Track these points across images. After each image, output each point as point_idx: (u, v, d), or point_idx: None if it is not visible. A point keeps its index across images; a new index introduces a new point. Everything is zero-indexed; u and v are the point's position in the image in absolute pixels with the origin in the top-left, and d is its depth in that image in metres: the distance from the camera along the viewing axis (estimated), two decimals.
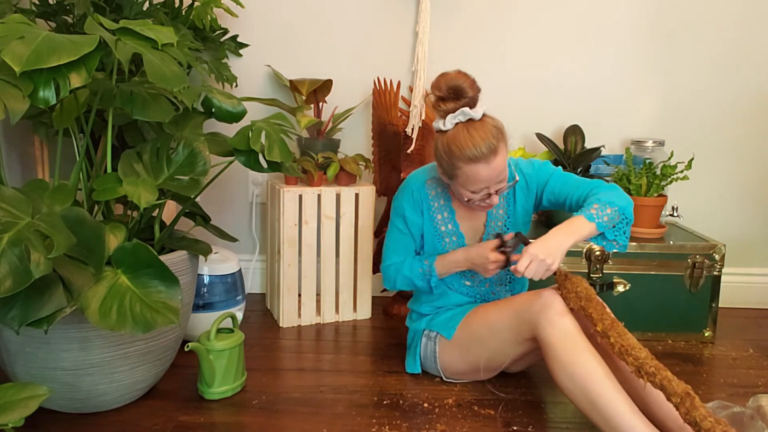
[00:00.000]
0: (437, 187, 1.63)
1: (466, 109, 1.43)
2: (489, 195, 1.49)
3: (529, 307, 1.45)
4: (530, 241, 1.50)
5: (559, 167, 1.66)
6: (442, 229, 1.63)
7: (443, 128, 1.46)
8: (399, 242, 1.68)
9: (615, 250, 1.55)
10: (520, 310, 1.48)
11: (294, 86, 2.10)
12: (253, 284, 2.41)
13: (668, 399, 1.22)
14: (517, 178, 1.59)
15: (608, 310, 1.42)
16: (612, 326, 1.34)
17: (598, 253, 1.96)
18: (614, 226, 1.50)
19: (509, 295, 1.69)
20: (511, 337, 1.51)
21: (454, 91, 1.44)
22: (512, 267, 1.46)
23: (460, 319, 1.61)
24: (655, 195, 2.02)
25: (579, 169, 2.11)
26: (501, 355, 1.58)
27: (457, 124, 1.45)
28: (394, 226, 1.69)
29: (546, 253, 1.42)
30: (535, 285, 1.74)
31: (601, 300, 1.44)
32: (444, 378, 1.68)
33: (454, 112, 1.44)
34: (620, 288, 1.98)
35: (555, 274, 1.48)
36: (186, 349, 1.48)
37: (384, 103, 2.12)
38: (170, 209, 1.94)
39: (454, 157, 1.44)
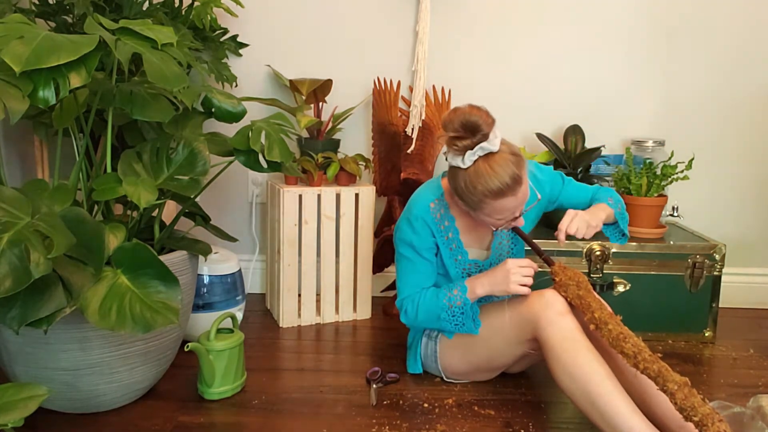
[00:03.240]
0: (440, 209, 1.59)
1: (485, 144, 1.38)
2: (515, 218, 1.50)
3: (531, 307, 1.45)
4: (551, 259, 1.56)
5: (569, 177, 1.74)
6: (450, 249, 1.61)
7: (462, 166, 1.40)
8: (412, 270, 1.61)
9: (618, 243, 1.69)
10: (521, 309, 1.48)
11: (294, 86, 2.10)
12: (253, 284, 2.40)
13: (664, 387, 1.23)
14: (539, 197, 1.55)
15: (607, 306, 1.43)
16: (611, 316, 1.36)
17: (598, 253, 1.96)
18: (623, 217, 1.66)
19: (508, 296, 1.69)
20: (512, 336, 1.51)
21: (469, 128, 1.38)
22: (557, 232, 1.53)
23: None
24: (656, 195, 2.02)
25: (579, 169, 2.11)
26: (502, 355, 1.57)
27: (476, 160, 1.39)
28: (403, 258, 1.61)
29: (585, 214, 1.53)
30: (535, 286, 1.74)
31: (600, 297, 1.45)
32: (444, 378, 1.68)
33: (471, 148, 1.38)
34: (620, 288, 1.98)
35: (552, 266, 1.49)
36: (186, 350, 1.48)
37: (384, 103, 2.12)
38: (170, 209, 1.94)
39: (479, 194, 1.40)
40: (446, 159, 1.46)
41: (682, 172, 2.01)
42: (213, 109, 1.60)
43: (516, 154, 1.42)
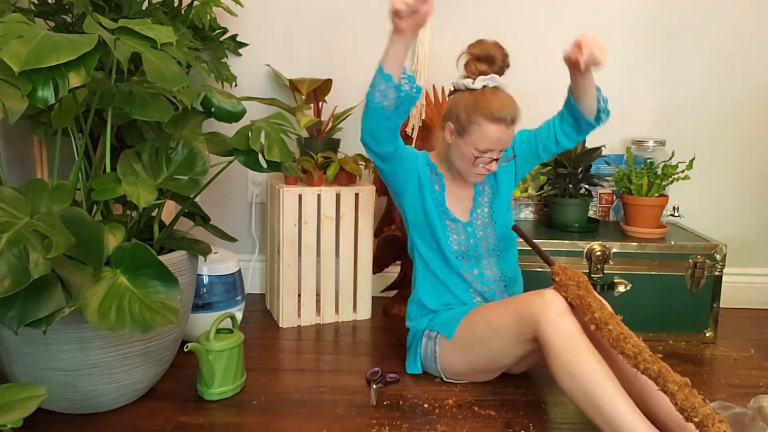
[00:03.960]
0: (430, 165, 1.71)
1: (497, 76, 1.58)
2: (491, 160, 1.59)
3: (531, 307, 1.45)
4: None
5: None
6: (434, 201, 1.68)
7: (471, 86, 1.57)
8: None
9: (598, 125, 1.72)
10: (522, 309, 1.48)
11: (294, 86, 2.09)
12: (252, 284, 2.40)
13: (664, 387, 1.22)
14: (515, 153, 1.69)
15: (607, 305, 1.43)
16: (611, 317, 1.36)
17: (598, 253, 1.96)
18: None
19: (507, 296, 1.69)
20: (512, 337, 1.51)
21: (491, 58, 1.58)
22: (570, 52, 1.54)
23: (461, 319, 1.61)
24: (656, 195, 2.02)
25: (580, 169, 2.10)
26: (502, 356, 1.57)
27: (485, 86, 1.57)
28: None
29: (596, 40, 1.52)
30: (536, 286, 1.74)
31: (600, 297, 1.45)
32: (444, 378, 1.68)
33: (485, 75, 1.57)
34: (621, 288, 1.98)
35: (552, 266, 1.49)
36: (185, 350, 1.47)
37: None
38: (169, 209, 1.94)
39: (477, 112, 1.54)
40: (453, 85, 1.63)
41: (682, 171, 2.00)
42: (212, 109, 1.60)
43: (516, 103, 1.59)
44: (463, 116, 1.57)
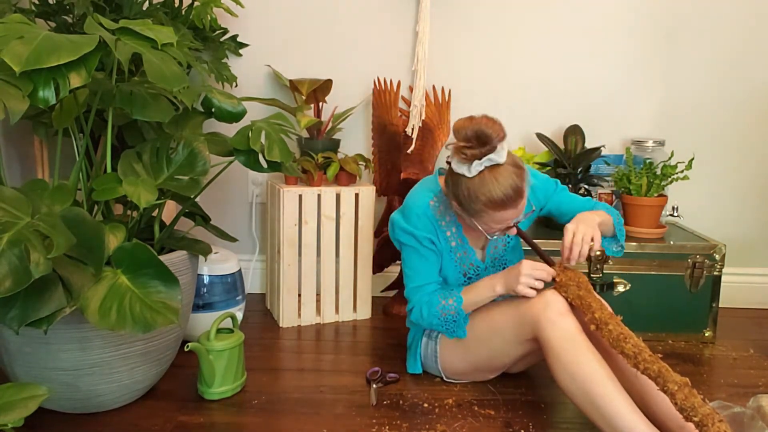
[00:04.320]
0: (439, 205, 1.60)
1: (493, 155, 1.39)
2: (509, 227, 1.50)
3: (531, 307, 1.45)
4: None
5: (564, 186, 1.72)
6: (452, 245, 1.61)
7: (468, 175, 1.41)
8: (417, 258, 1.60)
9: (614, 254, 1.65)
10: (522, 309, 1.48)
11: (294, 86, 2.10)
12: (253, 284, 2.40)
13: (664, 387, 1.23)
14: (534, 208, 1.57)
15: (607, 306, 1.43)
16: (611, 317, 1.36)
17: (598, 253, 1.96)
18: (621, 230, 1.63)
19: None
20: (512, 336, 1.51)
21: (481, 139, 1.38)
22: (561, 254, 1.50)
23: None
24: (656, 195, 2.02)
25: (579, 169, 2.11)
26: (502, 355, 1.57)
27: (481, 170, 1.40)
28: (405, 247, 1.61)
29: (584, 229, 1.48)
30: None
31: (600, 298, 1.45)
32: (444, 378, 1.68)
33: (479, 158, 1.39)
34: (620, 288, 1.98)
35: (552, 267, 1.49)
36: (186, 350, 1.48)
37: (384, 103, 2.12)
38: (170, 209, 1.94)
39: (480, 203, 1.41)
40: (448, 164, 1.47)
41: (682, 172, 2.01)
42: (213, 109, 1.60)
43: (519, 167, 1.43)
44: (467, 206, 1.45)
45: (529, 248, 1.59)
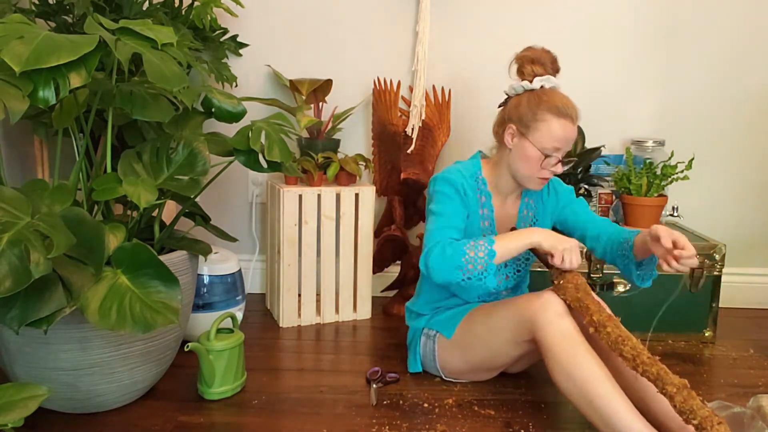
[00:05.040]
0: (478, 183, 1.62)
1: (553, 77, 1.56)
2: (557, 161, 1.53)
3: (529, 308, 1.45)
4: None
5: (581, 198, 1.72)
6: (482, 216, 1.62)
7: (530, 87, 1.54)
8: (449, 203, 1.54)
9: (639, 286, 1.56)
10: (520, 310, 1.48)
11: (294, 86, 2.10)
12: (253, 284, 2.40)
13: (663, 390, 1.22)
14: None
15: (606, 307, 1.43)
16: (609, 318, 1.35)
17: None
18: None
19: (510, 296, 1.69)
20: (510, 337, 1.51)
21: (541, 61, 1.56)
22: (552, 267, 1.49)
23: (461, 319, 1.61)
24: (656, 195, 2.02)
25: (579, 169, 2.11)
26: (501, 355, 1.57)
27: (542, 86, 1.54)
28: (441, 194, 1.56)
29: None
30: (537, 286, 1.74)
31: (599, 299, 1.45)
32: (443, 377, 1.68)
33: (541, 76, 1.54)
34: (620, 288, 1.98)
35: (552, 269, 1.49)
36: (186, 350, 1.48)
37: (384, 103, 2.12)
38: (170, 209, 1.94)
39: (542, 108, 1.50)
40: (506, 94, 1.60)
41: (682, 172, 2.01)
42: (213, 109, 1.60)
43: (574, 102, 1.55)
44: (528, 114, 1.51)
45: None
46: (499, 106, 1.63)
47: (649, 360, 1.27)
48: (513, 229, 1.64)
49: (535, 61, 1.56)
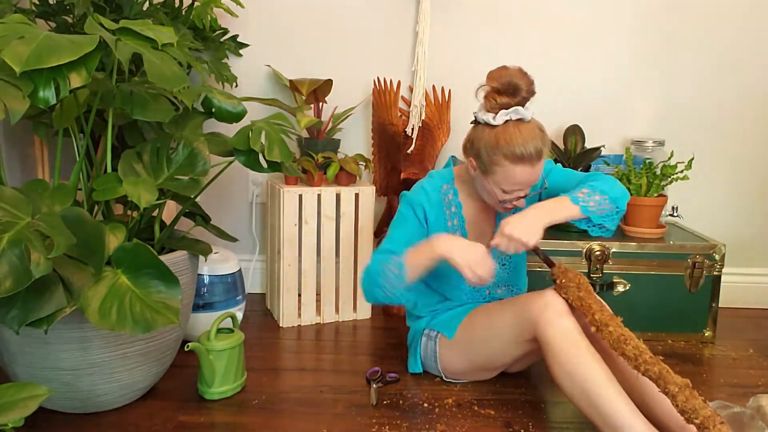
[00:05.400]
0: (449, 193, 1.63)
1: (521, 108, 1.43)
2: (518, 198, 1.50)
3: (530, 307, 1.45)
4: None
5: (558, 164, 1.67)
6: (450, 233, 1.62)
7: (492, 122, 1.44)
8: (402, 224, 1.58)
9: (599, 235, 1.53)
10: (521, 310, 1.48)
11: (294, 86, 2.10)
12: (253, 284, 2.41)
13: (665, 389, 1.22)
14: (546, 186, 1.56)
15: (607, 307, 1.43)
16: (611, 318, 1.35)
17: (598, 253, 1.96)
18: (602, 213, 1.50)
19: (510, 296, 1.69)
20: (512, 337, 1.51)
21: (513, 89, 1.43)
22: (490, 243, 1.46)
23: (462, 319, 1.61)
24: (655, 195, 2.02)
25: (579, 169, 2.11)
26: (502, 355, 1.57)
27: (507, 121, 1.44)
28: (400, 215, 1.60)
29: (521, 231, 1.42)
30: (537, 286, 1.75)
31: (600, 299, 1.45)
32: (444, 378, 1.68)
33: (507, 108, 1.43)
34: (620, 288, 1.99)
35: (553, 267, 1.48)
36: (186, 349, 1.48)
37: (384, 103, 2.12)
38: (170, 209, 1.94)
39: (499, 153, 1.43)
40: (475, 116, 1.51)
41: (681, 172, 2.01)
42: (213, 109, 1.60)
43: (543, 131, 1.46)
44: (485, 156, 1.46)
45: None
46: (471, 123, 1.55)
47: (651, 359, 1.27)
48: (488, 247, 1.59)
49: (501, 92, 1.44)
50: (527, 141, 1.41)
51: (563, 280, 1.45)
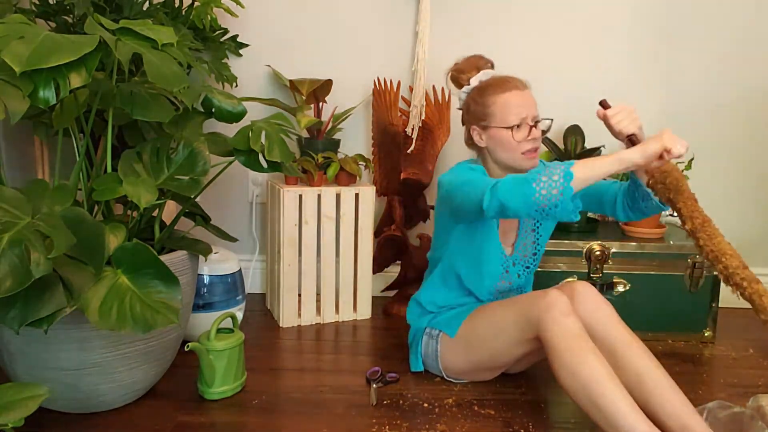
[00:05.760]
0: None
1: (489, 70, 1.59)
2: (530, 128, 1.52)
3: (534, 307, 1.45)
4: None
5: None
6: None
7: (468, 89, 1.59)
8: (478, 175, 1.50)
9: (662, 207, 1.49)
10: (525, 309, 1.48)
11: (294, 86, 2.10)
12: (253, 284, 2.41)
13: (757, 314, 1.18)
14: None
15: (699, 206, 1.34)
16: (702, 226, 1.29)
17: (598, 253, 1.96)
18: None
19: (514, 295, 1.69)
20: (514, 335, 1.51)
21: (475, 65, 1.61)
22: (602, 112, 1.49)
23: (464, 318, 1.61)
24: None
25: None
26: (504, 355, 1.57)
27: (481, 81, 1.58)
28: (463, 172, 1.52)
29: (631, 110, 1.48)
30: (539, 286, 1.75)
31: (693, 194, 1.34)
32: (445, 377, 1.68)
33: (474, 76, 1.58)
34: (620, 288, 1.99)
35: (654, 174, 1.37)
36: (186, 349, 1.48)
37: (384, 103, 2.12)
38: (170, 209, 1.94)
39: (486, 95, 1.54)
40: (459, 101, 1.64)
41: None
42: (213, 109, 1.60)
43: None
44: (479, 108, 1.56)
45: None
46: (458, 108, 1.67)
47: (744, 283, 1.19)
48: (513, 246, 1.64)
49: (465, 71, 1.61)
50: (505, 77, 1.55)
51: (652, 180, 1.34)
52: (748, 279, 1.18)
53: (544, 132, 1.56)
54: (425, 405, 1.55)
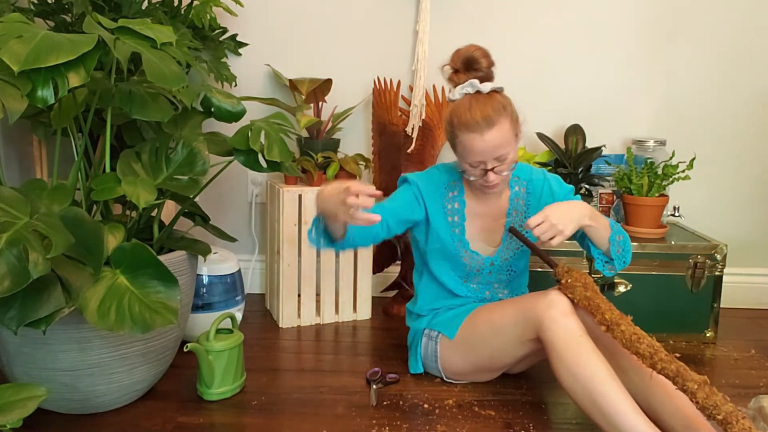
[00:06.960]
0: (455, 189, 1.63)
1: (475, 81, 1.48)
2: (485, 172, 1.49)
3: (534, 307, 1.45)
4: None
5: (557, 177, 1.69)
6: (451, 229, 1.61)
7: (452, 98, 1.51)
8: (391, 199, 1.61)
9: (601, 270, 1.56)
10: (525, 309, 1.47)
11: (294, 86, 2.09)
12: (252, 284, 2.40)
13: (683, 386, 1.20)
14: (536, 178, 1.59)
15: (614, 307, 1.42)
16: (621, 317, 1.34)
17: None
18: (618, 253, 1.54)
19: (509, 297, 1.68)
20: (514, 336, 1.51)
21: (467, 63, 1.50)
22: (526, 222, 1.43)
23: (463, 319, 1.60)
24: (657, 195, 2.02)
25: (580, 169, 2.10)
26: (504, 356, 1.57)
27: (465, 95, 1.48)
28: (398, 189, 1.64)
29: (560, 217, 1.41)
30: (539, 286, 1.74)
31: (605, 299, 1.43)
32: (445, 378, 1.67)
33: (463, 83, 1.49)
34: (621, 288, 1.98)
35: (555, 268, 1.48)
36: (185, 350, 1.47)
37: (384, 102, 2.12)
38: (169, 209, 1.94)
39: (453, 126, 1.48)
40: (448, 99, 1.57)
41: (683, 171, 2.00)
42: (212, 109, 1.60)
43: (502, 105, 1.47)
44: (448, 131, 1.51)
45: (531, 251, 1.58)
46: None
47: (667, 357, 1.24)
48: (495, 250, 1.63)
49: (459, 69, 1.52)
50: (475, 112, 1.44)
51: (568, 280, 1.44)
52: (672, 357, 1.25)
53: (509, 171, 1.52)
54: (425, 406, 1.55)
